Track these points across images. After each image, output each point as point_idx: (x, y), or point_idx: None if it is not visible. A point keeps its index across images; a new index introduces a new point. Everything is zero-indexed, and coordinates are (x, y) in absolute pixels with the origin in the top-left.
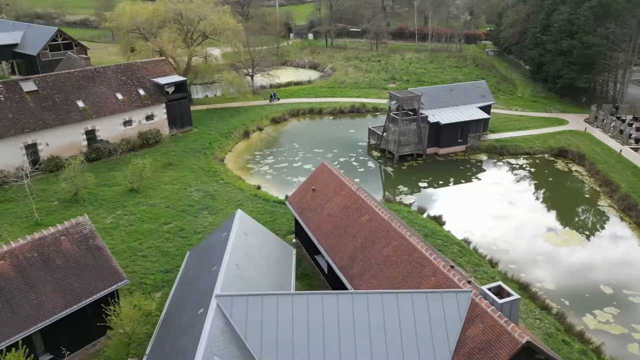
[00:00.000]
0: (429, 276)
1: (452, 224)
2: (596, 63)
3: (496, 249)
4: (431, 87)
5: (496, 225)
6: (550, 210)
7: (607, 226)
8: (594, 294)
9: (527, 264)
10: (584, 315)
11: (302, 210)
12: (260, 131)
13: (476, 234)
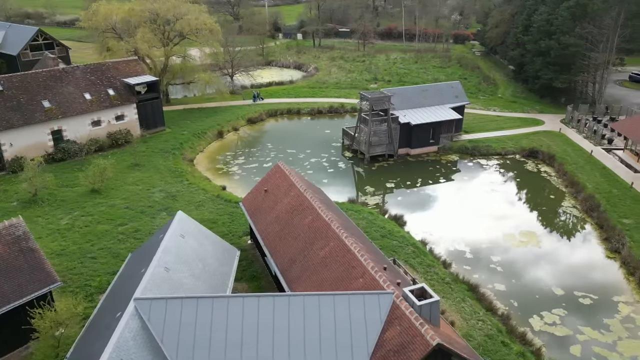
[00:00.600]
0: (358, 278)
1: (413, 224)
2: (574, 63)
3: (453, 249)
4: (404, 87)
5: (457, 226)
6: (514, 211)
7: (568, 227)
8: (545, 295)
9: (483, 264)
10: (531, 316)
11: (254, 211)
12: (235, 131)
13: (436, 234)
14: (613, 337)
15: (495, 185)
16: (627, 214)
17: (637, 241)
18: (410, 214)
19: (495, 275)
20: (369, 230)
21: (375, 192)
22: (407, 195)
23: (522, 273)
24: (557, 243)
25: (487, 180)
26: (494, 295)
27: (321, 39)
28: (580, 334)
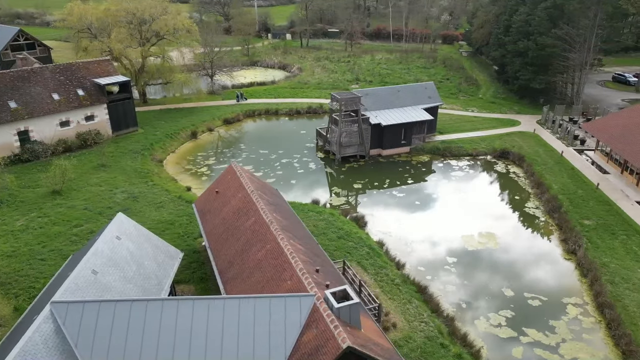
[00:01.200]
0: (286, 280)
1: (374, 225)
2: (551, 64)
3: (410, 250)
4: (377, 88)
5: (418, 227)
6: (477, 212)
7: (528, 228)
8: (495, 297)
9: (438, 266)
10: (478, 318)
11: (204, 212)
12: (210, 132)
13: (395, 235)
14: (557, 339)
15: (462, 186)
16: (589, 215)
17: (594, 242)
18: (372, 215)
19: (448, 277)
20: (326, 231)
21: (342, 193)
22: (372, 197)
23: (476, 274)
24: (515, 244)
25: (454, 181)
26: (444, 296)
27: (309, 39)
28: (525, 336)
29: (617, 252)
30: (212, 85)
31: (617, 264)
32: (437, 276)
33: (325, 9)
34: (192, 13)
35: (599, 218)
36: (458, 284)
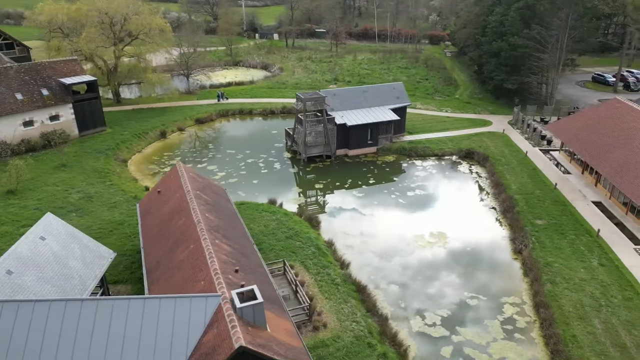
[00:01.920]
0: (200, 281)
1: (328, 225)
2: (524, 64)
3: (360, 249)
4: (345, 88)
5: (372, 226)
6: (433, 211)
7: (480, 228)
8: (435, 296)
9: (384, 265)
10: (414, 317)
11: (145, 213)
12: (180, 132)
13: (348, 234)
14: (488, 339)
15: (423, 186)
16: (542, 215)
17: (542, 242)
18: (328, 214)
19: (392, 276)
20: (276, 231)
21: (302, 193)
22: (332, 197)
23: (420, 274)
24: (464, 244)
25: (416, 181)
26: (384, 295)
27: (294, 39)
28: (457, 335)
29: (563, 252)
30: (188, 85)
31: (561, 264)
32: (381, 275)
33: (314, 9)
34: (180, 13)
35: (552, 218)
36: (400, 283)
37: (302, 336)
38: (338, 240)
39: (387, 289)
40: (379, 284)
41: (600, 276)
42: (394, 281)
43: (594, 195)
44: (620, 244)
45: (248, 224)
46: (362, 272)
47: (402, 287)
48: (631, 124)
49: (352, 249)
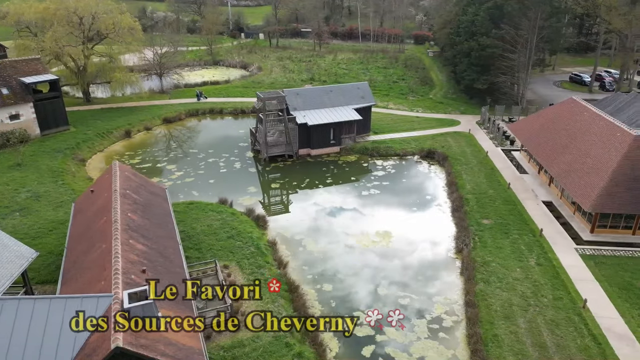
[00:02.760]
0: (101, 280)
1: (275, 224)
2: (493, 64)
3: (302, 249)
4: (309, 88)
5: (319, 226)
6: (382, 211)
7: (427, 227)
8: (368, 295)
9: (323, 264)
10: (342, 317)
11: (77, 212)
12: (147, 131)
13: (292, 234)
14: (412, 338)
15: (378, 186)
16: (490, 214)
17: (484, 242)
18: (278, 214)
19: (330, 275)
20: (218, 231)
21: (256, 193)
22: (286, 196)
23: (358, 273)
24: (408, 243)
25: (373, 181)
26: (317, 295)
27: (278, 39)
28: (382, 335)
29: (503, 252)
30: (162, 85)
31: (498, 263)
32: (319, 274)
33: (300, 8)
34: (167, 13)
35: (499, 217)
36: (337, 282)
37: (221, 336)
38: (282, 240)
39: (321, 289)
40: (316, 283)
41: (535, 276)
42: (330, 280)
43: (546, 195)
44: (562, 244)
45: (191, 224)
46: (299, 272)
47: (337, 286)
48: (581, 125)
49: (295, 248)
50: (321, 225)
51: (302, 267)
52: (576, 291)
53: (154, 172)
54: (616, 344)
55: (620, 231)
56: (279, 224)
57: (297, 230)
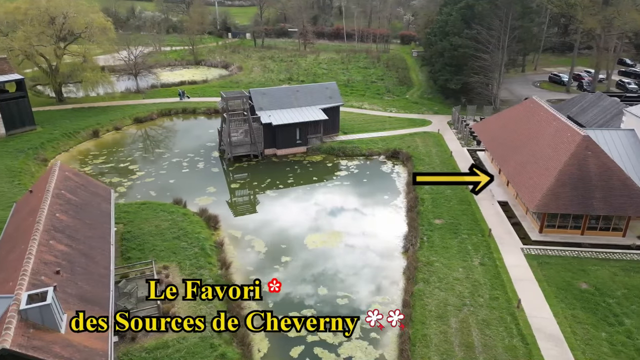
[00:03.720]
0: (10, 281)
1: (228, 225)
2: (466, 64)
3: (250, 250)
4: (276, 87)
5: (273, 226)
6: (339, 211)
7: (379, 227)
8: (307, 296)
9: (268, 265)
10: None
11: (15, 212)
12: (116, 131)
13: (246, 234)
14: (343, 338)
15: (339, 186)
16: (444, 214)
17: (432, 241)
18: (232, 214)
19: (271, 275)
20: (165, 232)
21: (214, 193)
22: (244, 197)
23: (302, 273)
24: (357, 243)
25: (335, 181)
26: None
27: (263, 39)
28: (313, 335)
29: (449, 251)
30: (137, 85)
31: (442, 263)
32: (261, 275)
33: (288, 8)
34: (155, 12)
35: (451, 217)
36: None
37: (147, 337)
38: (232, 240)
39: (262, 289)
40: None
41: (476, 275)
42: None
43: (503, 195)
44: (509, 244)
45: (139, 224)
46: (244, 272)
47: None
48: (537, 125)
49: (244, 249)
50: (274, 226)
51: (246, 267)
52: (514, 291)
53: (115, 171)
54: (544, 344)
55: (569, 231)
56: (231, 224)
57: (249, 230)
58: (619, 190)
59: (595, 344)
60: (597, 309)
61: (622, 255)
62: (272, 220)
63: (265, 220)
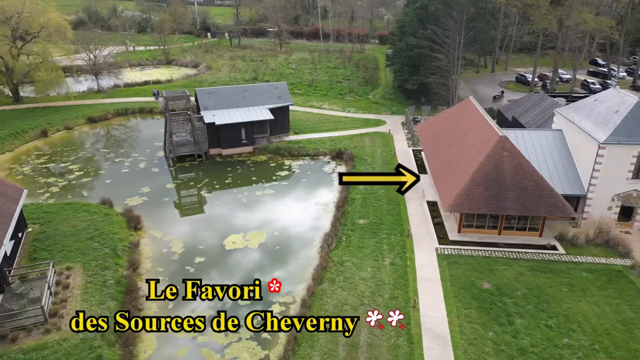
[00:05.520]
0: None
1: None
2: (422, 64)
3: (166, 251)
4: (223, 87)
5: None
6: (269, 211)
7: (304, 227)
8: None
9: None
10: (175, 318)
11: None
12: (67, 130)
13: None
14: (233, 339)
15: (276, 186)
16: (370, 214)
17: (350, 241)
18: (160, 214)
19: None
20: (80, 232)
21: (147, 193)
22: (175, 197)
23: (209, 274)
24: (278, 243)
25: (273, 181)
26: None
27: (240, 39)
28: (203, 336)
29: (363, 251)
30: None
31: (352, 263)
32: (170, 277)
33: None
34: (134, 12)
35: (377, 217)
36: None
37: (29, 338)
38: (152, 240)
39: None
40: (162, 284)
41: (383, 275)
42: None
43: (434, 195)
44: (426, 244)
45: (56, 225)
46: (153, 273)
47: (184, 288)
48: (467, 125)
49: (160, 249)
50: (197, 226)
51: (157, 268)
52: (415, 290)
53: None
54: (429, 343)
55: (486, 231)
56: (155, 224)
57: (171, 231)
58: (531, 191)
59: (479, 343)
60: (492, 309)
61: (534, 255)
62: (196, 221)
63: (190, 221)
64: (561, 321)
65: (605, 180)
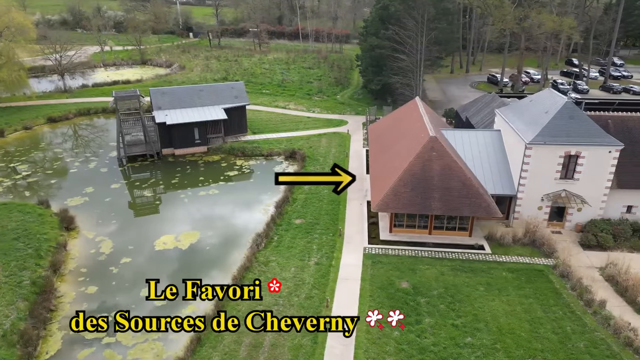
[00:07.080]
0: None
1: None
2: (385, 65)
3: (95, 252)
4: (178, 87)
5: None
6: (207, 211)
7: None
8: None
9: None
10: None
11: None
12: (25, 130)
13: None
14: (139, 340)
15: (222, 186)
16: (308, 214)
17: (282, 241)
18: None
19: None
20: (8, 232)
21: (89, 194)
22: (119, 196)
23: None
24: (208, 244)
25: (220, 181)
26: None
27: (220, 39)
28: (111, 337)
29: (292, 251)
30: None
31: (278, 263)
32: (92, 278)
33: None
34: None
35: (314, 218)
36: (105, 285)
37: None
38: (84, 241)
39: (84, 291)
40: (80, 285)
41: (305, 275)
42: (99, 282)
43: None
44: (355, 243)
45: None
46: (75, 274)
47: (104, 288)
48: (408, 125)
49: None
50: (131, 227)
51: (80, 269)
52: (333, 290)
53: (1, 171)
54: (332, 342)
55: (417, 231)
56: (90, 224)
57: (104, 231)
58: (457, 191)
59: (382, 342)
60: (404, 308)
61: (460, 255)
62: (132, 222)
63: (126, 222)
64: (469, 320)
65: (534, 180)
